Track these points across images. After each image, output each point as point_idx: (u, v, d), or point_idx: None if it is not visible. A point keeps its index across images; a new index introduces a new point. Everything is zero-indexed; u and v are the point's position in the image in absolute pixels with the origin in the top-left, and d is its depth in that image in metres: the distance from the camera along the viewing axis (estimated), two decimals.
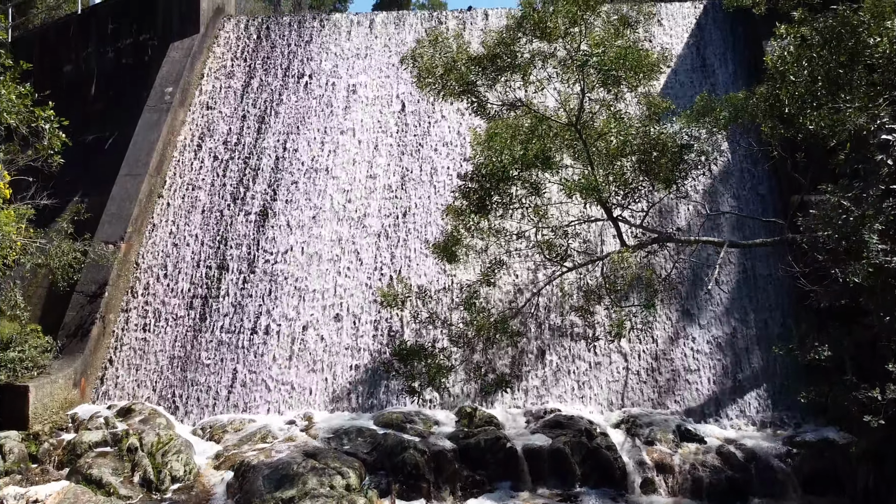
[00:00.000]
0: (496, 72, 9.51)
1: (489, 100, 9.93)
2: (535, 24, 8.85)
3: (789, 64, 8.09)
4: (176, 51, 15.84)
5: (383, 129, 14.86)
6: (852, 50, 7.69)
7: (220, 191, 14.33)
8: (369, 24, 16.48)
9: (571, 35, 9.01)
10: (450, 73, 9.29)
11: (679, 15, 15.85)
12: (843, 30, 7.65)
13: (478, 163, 9.75)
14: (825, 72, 7.84)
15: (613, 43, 8.75)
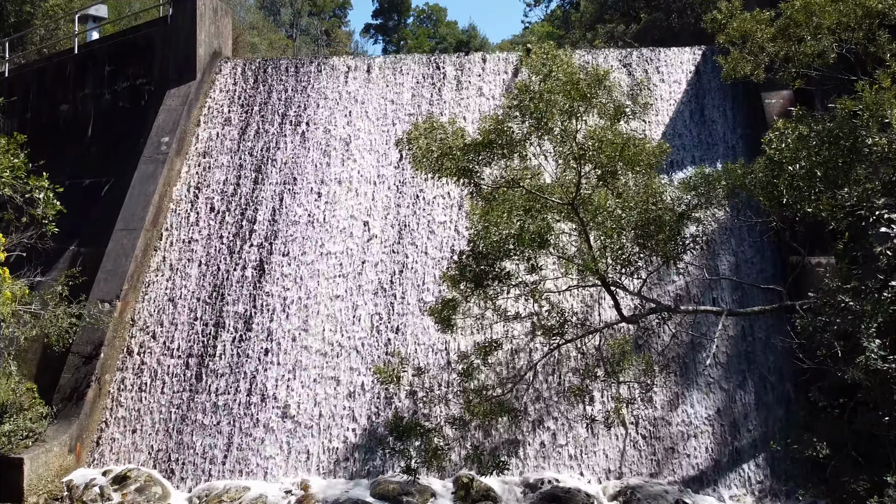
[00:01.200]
0: (491, 156, 9.44)
1: (485, 180, 9.86)
2: (529, 113, 8.77)
3: (787, 157, 8.03)
4: (172, 98, 15.77)
5: (381, 180, 14.80)
6: (850, 148, 7.63)
7: (216, 244, 14.27)
8: (367, 68, 16.41)
9: (567, 125, 8.92)
10: (444, 157, 9.24)
11: (677, 62, 15.77)
12: (840, 132, 7.58)
13: (473, 239, 9.70)
14: (824, 169, 7.78)
15: (609, 136, 8.65)
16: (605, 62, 15.89)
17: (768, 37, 10.00)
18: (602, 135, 8.48)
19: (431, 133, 9.29)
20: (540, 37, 77.39)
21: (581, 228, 9.85)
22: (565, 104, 8.55)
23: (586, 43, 63.53)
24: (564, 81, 8.57)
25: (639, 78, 15.57)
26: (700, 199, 10.47)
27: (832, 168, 7.67)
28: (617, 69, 15.81)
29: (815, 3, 9.39)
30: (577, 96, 8.56)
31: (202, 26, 16.18)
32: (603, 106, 8.93)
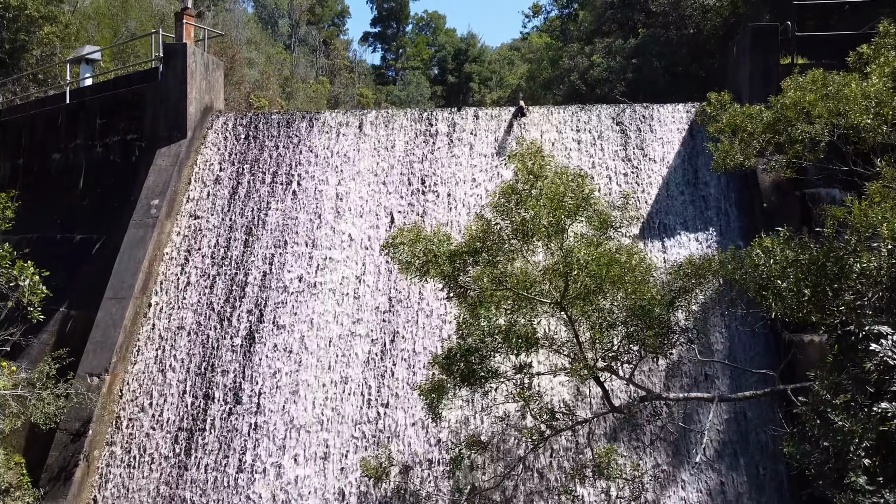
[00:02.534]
0: (477, 261, 9.34)
1: (471, 281, 9.75)
2: (516, 228, 8.66)
3: (776, 274, 7.93)
4: (163, 158, 15.68)
5: (372, 244, 14.70)
6: (837, 274, 7.54)
7: (206, 311, 14.18)
8: (358, 124, 16.30)
9: (554, 238, 8.81)
10: (429, 265, 9.14)
11: (671, 120, 15.66)
12: (827, 262, 7.49)
13: (461, 335, 9.61)
14: (812, 290, 7.69)
15: (593, 255, 8.51)
16: (598, 120, 15.79)
17: (759, 130, 9.89)
18: (587, 253, 8.37)
19: (416, 240, 9.19)
20: (538, 49, 76.95)
21: (570, 325, 9.76)
22: (550, 220, 8.44)
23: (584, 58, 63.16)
24: (550, 198, 8.46)
25: (632, 137, 15.49)
26: (689, 283, 10.39)
27: (820, 291, 7.59)
28: (610, 127, 15.72)
29: (804, 102, 9.29)
30: (562, 215, 8.46)
31: (193, 84, 16.08)
32: (589, 218, 8.82)
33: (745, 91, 14.85)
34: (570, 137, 15.65)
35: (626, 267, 8.65)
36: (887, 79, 9.01)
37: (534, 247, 9.05)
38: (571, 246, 8.45)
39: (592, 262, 8.27)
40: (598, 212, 8.75)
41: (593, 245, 8.46)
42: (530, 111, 16.04)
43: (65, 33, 33.32)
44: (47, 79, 34.35)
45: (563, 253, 8.40)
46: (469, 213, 14.85)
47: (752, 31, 14.69)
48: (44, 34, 31.76)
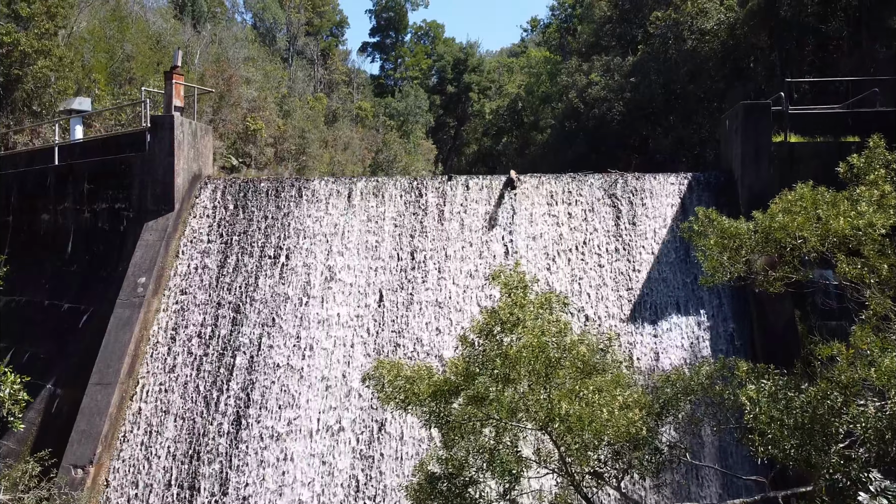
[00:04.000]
0: (458, 397, 9.17)
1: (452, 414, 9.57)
2: (495, 375, 8.48)
3: (762, 423, 7.79)
4: (150, 233, 15.55)
5: (360, 322, 14.57)
6: (823, 434, 7.40)
7: (193, 395, 14.06)
8: (348, 194, 16.16)
9: (536, 387, 8.63)
10: (409, 402, 8.98)
11: (663, 193, 15.50)
12: (814, 426, 7.36)
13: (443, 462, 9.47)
14: (798, 445, 7.55)
15: (575, 409, 8.31)
16: (590, 192, 15.64)
17: (748, 248, 9.74)
18: (567, 408, 8.18)
19: (396, 375, 9.04)
20: (536, 63, 76.50)
21: (554, 445, 9.61)
22: (532, 370, 8.28)
23: (582, 75, 62.91)
24: (532, 347, 8.29)
25: (623, 211, 15.34)
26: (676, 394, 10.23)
27: (806, 448, 7.46)
28: (601, 200, 15.57)
29: (793, 227, 9.14)
30: (544, 366, 8.30)
31: (180, 154, 15.95)
32: (572, 365, 8.66)
33: (738, 170, 14.71)
34: (562, 210, 15.50)
35: (610, 421, 8.47)
36: (877, 209, 8.85)
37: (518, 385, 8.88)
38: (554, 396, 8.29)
39: (574, 416, 8.12)
40: (583, 361, 8.60)
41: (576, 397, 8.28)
42: (521, 182, 15.89)
43: (59, 65, 33.22)
44: (41, 110, 34.26)
45: (546, 401, 8.25)
46: (459, 291, 14.72)
47: (743, 109, 14.53)
48: (37, 68, 31.63)
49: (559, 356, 8.31)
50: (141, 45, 44.73)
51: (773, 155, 14.27)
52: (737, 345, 13.62)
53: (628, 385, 9.03)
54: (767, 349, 13.04)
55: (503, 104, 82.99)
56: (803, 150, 14.31)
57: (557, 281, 14.63)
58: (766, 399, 7.89)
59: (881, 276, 7.80)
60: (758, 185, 14.33)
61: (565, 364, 8.38)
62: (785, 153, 14.28)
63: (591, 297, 14.44)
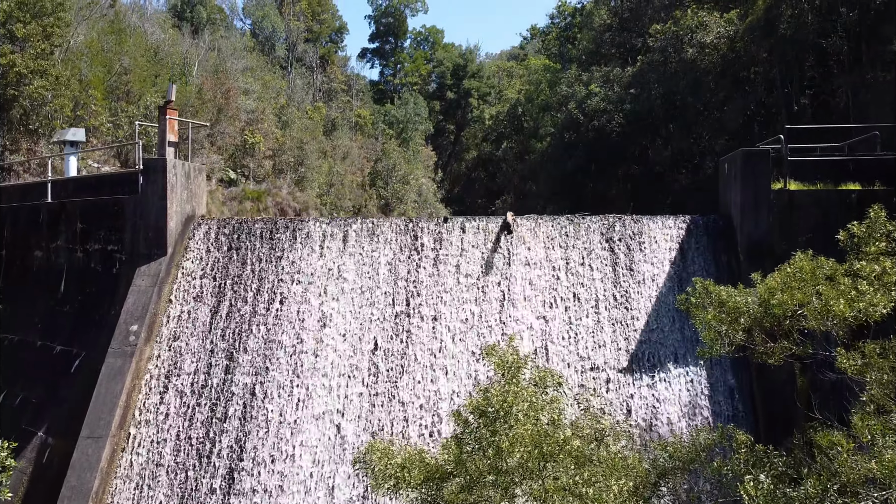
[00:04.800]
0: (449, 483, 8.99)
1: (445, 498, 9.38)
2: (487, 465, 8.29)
3: None
4: (142, 278, 15.38)
5: (355, 372, 14.41)
6: None
7: (185, 446, 13.89)
8: (343, 236, 15.98)
9: (528, 479, 8.45)
10: (401, 483, 8.81)
11: (662, 238, 15.32)
12: None
13: None
14: None
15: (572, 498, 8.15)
16: (587, 236, 15.47)
17: (747, 320, 9.55)
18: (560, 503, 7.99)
19: (387, 459, 8.87)
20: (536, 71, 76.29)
21: None
22: (524, 464, 8.10)
23: (582, 86, 62.74)
24: (524, 435, 8.11)
25: (621, 257, 15.16)
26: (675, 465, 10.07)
27: None
28: (599, 244, 15.40)
29: (791, 303, 8.96)
30: (537, 460, 8.12)
31: (173, 197, 15.78)
32: (567, 456, 8.47)
33: (736, 217, 14.53)
34: (559, 255, 15.33)
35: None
36: (878, 287, 8.67)
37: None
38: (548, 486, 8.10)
39: None
40: (575, 456, 8.42)
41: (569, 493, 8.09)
42: (517, 225, 15.71)
43: (55, 84, 33.10)
44: (38, 128, 34.12)
45: (540, 491, 8.07)
46: (455, 339, 14.55)
47: (742, 156, 14.35)
48: (33, 88, 31.51)
49: (553, 450, 8.13)
50: (138, 59, 44.57)
51: (773, 202, 14.09)
52: (736, 399, 13.44)
53: (625, 468, 8.87)
54: (767, 406, 12.87)
55: (503, 110, 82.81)
56: (803, 198, 14.13)
57: (554, 329, 14.47)
58: (765, 496, 7.72)
59: (882, 379, 7.61)
60: (757, 232, 14.16)
61: (559, 457, 8.20)
62: (784, 201, 14.11)
63: (589, 346, 14.27)
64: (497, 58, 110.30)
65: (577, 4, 68.90)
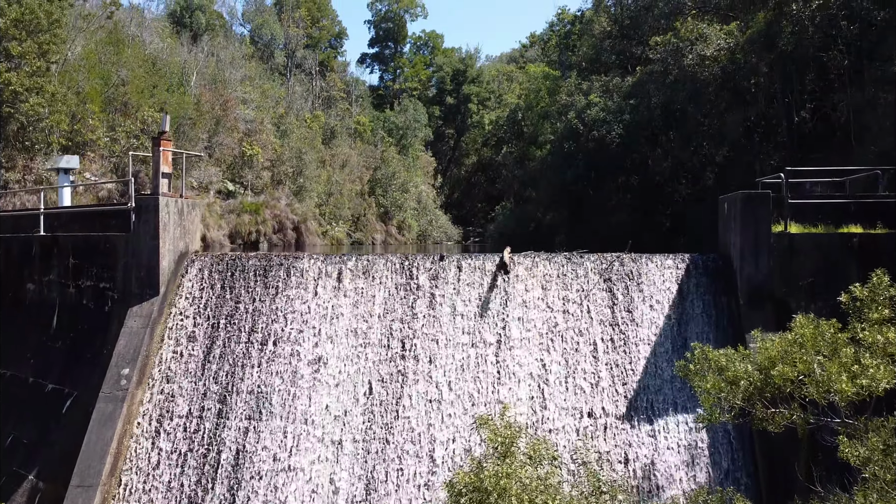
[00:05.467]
0: None
1: None
2: None
3: None
4: (134, 319, 15.18)
5: (348, 417, 14.20)
6: None
7: (177, 495, 13.70)
8: (337, 274, 15.76)
9: None
10: None
11: (660, 279, 15.11)
12: None
13: None
14: None
15: None
16: (585, 276, 15.26)
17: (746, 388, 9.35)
18: None
19: None
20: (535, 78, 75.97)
21: None
22: None
23: (581, 96, 62.54)
24: None
25: (619, 298, 14.96)
26: None
27: None
28: (597, 284, 15.19)
29: (792, 376, 8.75)
30: None
31: (166, 236, 15.58)
32: None
33: (736, 260, 14.32)
34: (556, 296, 15.12)
35: None
36: (880, 358, 8.47)
37: None
38: None
39: None
40: None
41: None
42: (514, 264, 15.50)
43: (51, 101, 32.95)
44: (34, 145, 33.96)
45: None
46: (451, 383, 14.35)
47: (742, 199, 14.14)
48: (29, 106, 31.32)
49: None
50: (136, 70, 44.34)
51: (773, 246, 13.89)
52: (735, 448, 13.24)
53: None
54: (768, 457, 12.67)
55: (503, 114, 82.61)
56: (804, 241, 13.92)
57: (552, 373, 14.27)
58: None
59: (885, 477, 7.41)
60: (757, 277, 13.96)
61: None
62: (785, 244, 13.90)
63: (586, 392, 14.07)
64: (497, 60, 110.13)
65: (577, 12, 68.69)
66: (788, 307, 13.87)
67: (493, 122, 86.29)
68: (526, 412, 13.86)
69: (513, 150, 77.76)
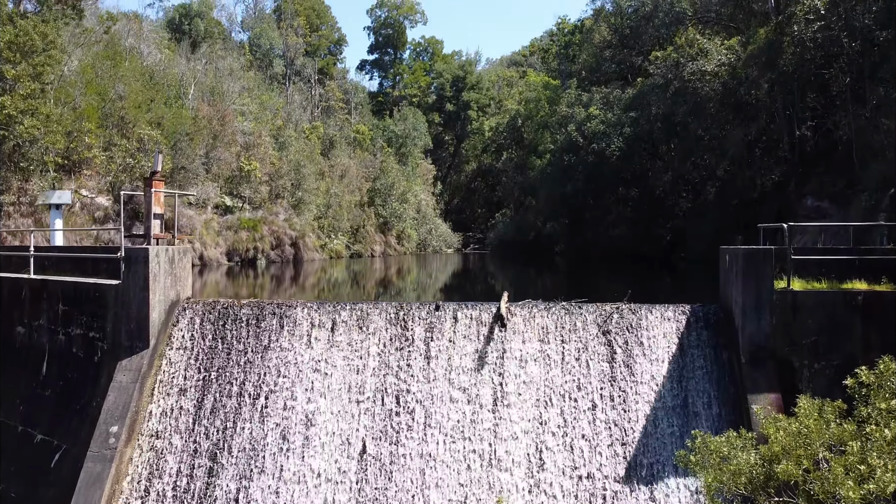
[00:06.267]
0: None
1: None
2: None
3: None
4: (123, 373, 14.89)
5: (342, 477, 13.91)
6: None
7: None
8: (331, 325, 15.47)
9: None
10: None
11: (660, 333, 14.79)
12: None
13: None
14: None
15: None
16: (584, 328, 14.96)
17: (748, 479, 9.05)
18: None
19: None
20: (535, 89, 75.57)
21: None
22: None
23: (581, 108, 62.02)
24: None
25: (618, 352, 14.65)
26: None
27: None
28: (596, 337, 14.90)
29: (797, 475, 8.46)
30: None
31: (156, 287, 15.29)
32: None
33: (738, 318, 14.01)
34: (554, 349, 14.82)
35: None
36: (888, 457, 8.17)
37: None
38: None
39: None
40: None
41: None
42: (511, 315, 15.19)
43: (46, 122, 32.71)
44: (29, 166, 33.73)
45: None
46: (447, 442, 14.05)
47: (744, 255, 13.83)
48: (24, 129, 31.07)
49: None
50: (133, 84, 44.05)
51: (776, 303, 13.57)
52: None
53: None
54: None
55: (503, 121, 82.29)
56: (807, 299, 13.60)
57: (549, 432, 13.97)
58: None
59: None
60: (759, 336, 13.65)
61: None
62: (788, 302, 13.59)
63: (585, 452, 13.77)
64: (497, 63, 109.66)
65: (577, 21, 68.34)
66: (791, 366, 13.59)
67: (493, 128, 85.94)
68: (523, 475, 13.56)
69: (513, 155, 77.50)
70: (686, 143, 50.46)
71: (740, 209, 50.74)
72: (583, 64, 68.91)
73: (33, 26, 31.51)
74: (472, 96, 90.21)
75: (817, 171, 48.61)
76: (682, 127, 51.89)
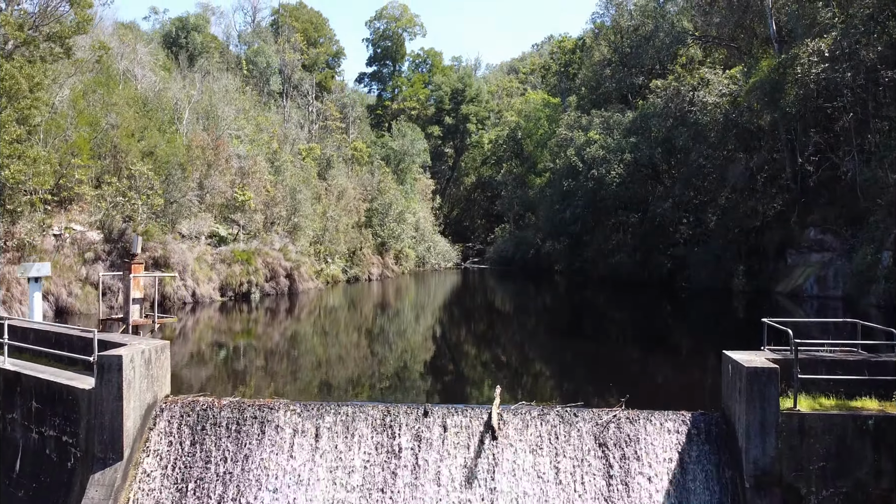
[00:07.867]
0: None
1: None
2: None
3: None
4: (96, 489, 14.18)
5: None
6: None
7: None
8: (315, 432, 14.77)
9: None
10: None
11: (660, 446, 14.07)
12: None
13: None
14: None
15: None
16: (579, 440, 14.26)
17: None
18: None
19: None
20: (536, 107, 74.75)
21: None
22: None
23: (581, 132, 61.22)
24: None
25: (615, 467, 13.94)
26: None
27: None
28: (592, 450, 14.19)
29: None
30: None
31: (131, 395, 14.58)
32: None
33: (742, 439, 13.27)
34: (548, 463, 14.12)
35: None
36: None
37: None
38: None
39: None
40: None
41: None
42: (503, 426, 14.48)
43: (33, 165, 31.91)
44: (16, 208, 33.02)
45: None
46: None
47: (748, 375, 13.09)
48: (10, 174, 30.33)
49: None
50: (126, 113, 43.27)
51: (782, 426, 12.86)
52: None
53: None
54: None
55: (502, 133, 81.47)
56: (815, 422, 12.87)
57: None
58: None
59: None
60: (764, 460, 12.92)
61: None
62: (794, 425, 12.87)
63: None
64: (497, 69, 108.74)
65: (578, 38, 67.38)
66: (798, 493, 12.89)
67: (493, 140, 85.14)
68: None
69: (513, 168, 76.67)
70: (687, 170, 49.60)
71: (742, 237, 50.04)
72: (582, 80, 68.01)
73: (19, 68, 30.69)
74: (472, 109, 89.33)
75: (820, 201, 47.83)
76: (684, 153, 50.98)
